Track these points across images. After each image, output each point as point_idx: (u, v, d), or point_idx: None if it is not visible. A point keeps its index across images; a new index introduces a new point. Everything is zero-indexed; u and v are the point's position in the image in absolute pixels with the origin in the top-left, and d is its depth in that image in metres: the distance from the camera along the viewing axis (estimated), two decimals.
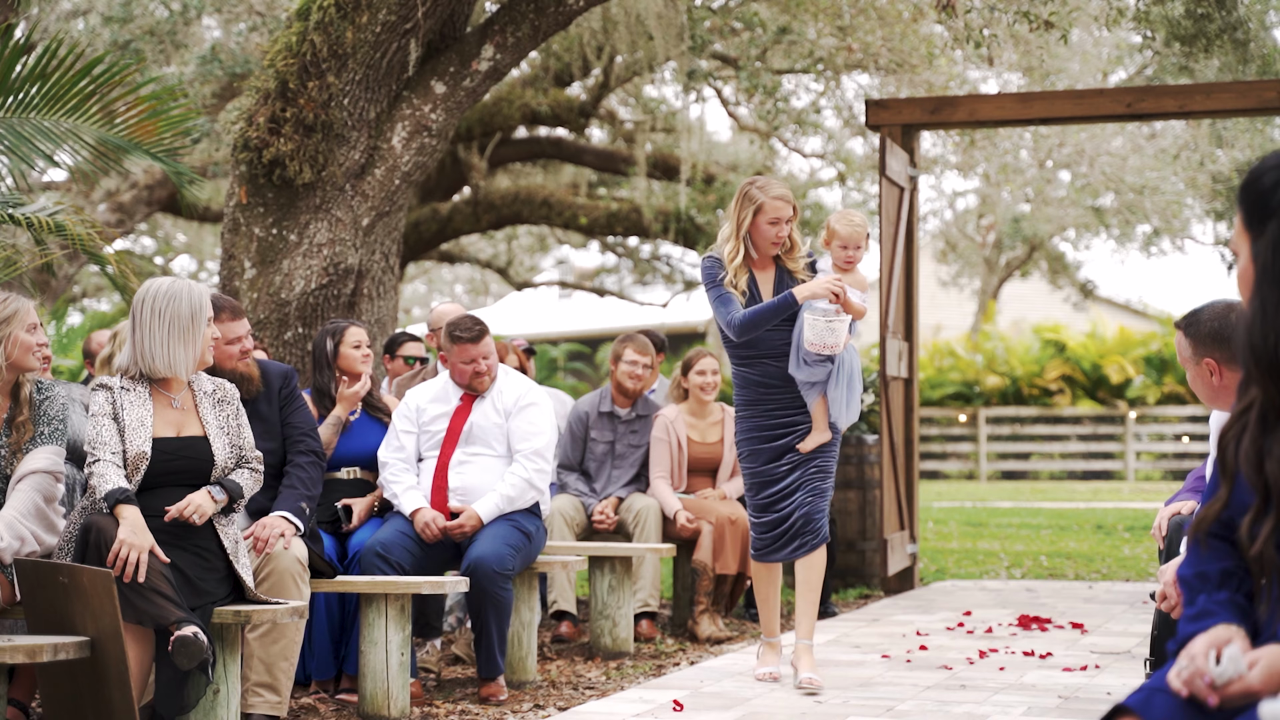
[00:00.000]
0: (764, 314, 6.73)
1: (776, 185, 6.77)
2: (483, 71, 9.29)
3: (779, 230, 6.76)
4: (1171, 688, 2.84)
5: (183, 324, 5.55)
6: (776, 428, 6.91)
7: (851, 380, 6.88)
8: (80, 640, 4.90)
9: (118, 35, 15.89)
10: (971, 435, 27.31)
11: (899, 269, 10.73)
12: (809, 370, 6.78)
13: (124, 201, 20.10)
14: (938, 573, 12.00)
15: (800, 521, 6.89)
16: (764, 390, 6.90)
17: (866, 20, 13.54)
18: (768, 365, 6.88)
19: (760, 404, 6.93)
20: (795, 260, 6.90)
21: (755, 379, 6.91)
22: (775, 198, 6.73)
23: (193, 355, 5.59)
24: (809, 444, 6.86)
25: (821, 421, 6.88)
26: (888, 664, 7.50)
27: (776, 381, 6.87)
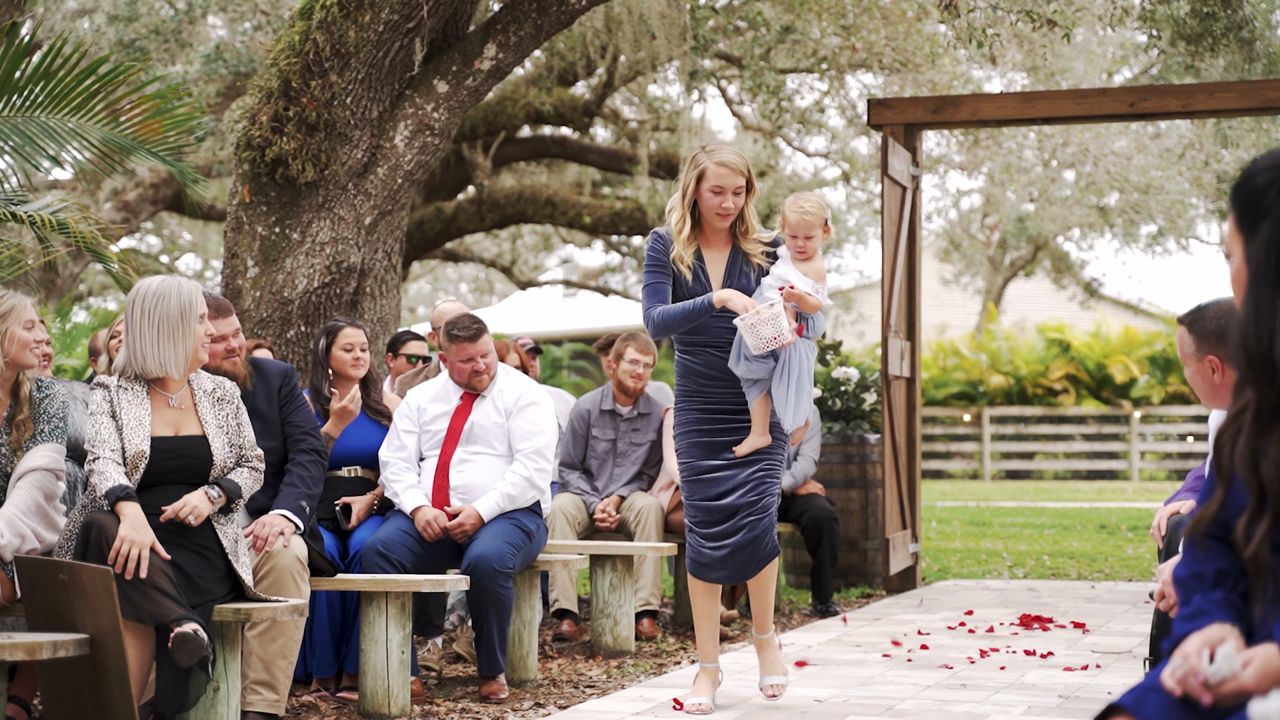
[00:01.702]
0: (678, 317, 6.13)
1: (727, 150, 6.12)
2: (485, 70, 9.30)
3: (723, 201, 6.09)
4: (1165, 686, 2.85)
5: (172, 323, 5.54)
6: (716, 424, 6.28)
7: (799, 378, 6.21)
8: (80, 638, 4.91)
9: (123, 34, 15.91)
10: (975, 435, 27.31)
11: (901, 268, 10.73)
12: (749, 366, 6.14)
13: (129, 200, 20.13)
14: (940, 572, 12.01)
15: (749, 546, 6.25)
16: (705, 382, 6.27)
17: (870, 19, 13.56)
18: (711, 355, 6.25)
19: (700, 396, 6.29)
20: (750, 243, 6.25)
21: (697, 368, 6.28)
22: (719, 163, 6.06)
23: (183, 354, 5.57)
24: (745, 447, 6.22)
25: (761, 423, 6.24)
26: (888, 663, 7.51)
27: (719, 374, 6.23)
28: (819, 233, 6.25)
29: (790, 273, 6.17)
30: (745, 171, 6.11)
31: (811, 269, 6.25)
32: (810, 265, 6.27)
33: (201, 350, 5.63)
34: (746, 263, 6.25)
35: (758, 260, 6.24)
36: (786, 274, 6.16)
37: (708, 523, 6.27)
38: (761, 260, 6.25)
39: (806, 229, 6.24)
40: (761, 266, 6.25)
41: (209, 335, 6.31)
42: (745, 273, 6.24)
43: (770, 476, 6.28)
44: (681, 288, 6.20)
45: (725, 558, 6.25)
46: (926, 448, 27.14)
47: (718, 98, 18.73)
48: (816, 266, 6.27)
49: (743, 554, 6.24)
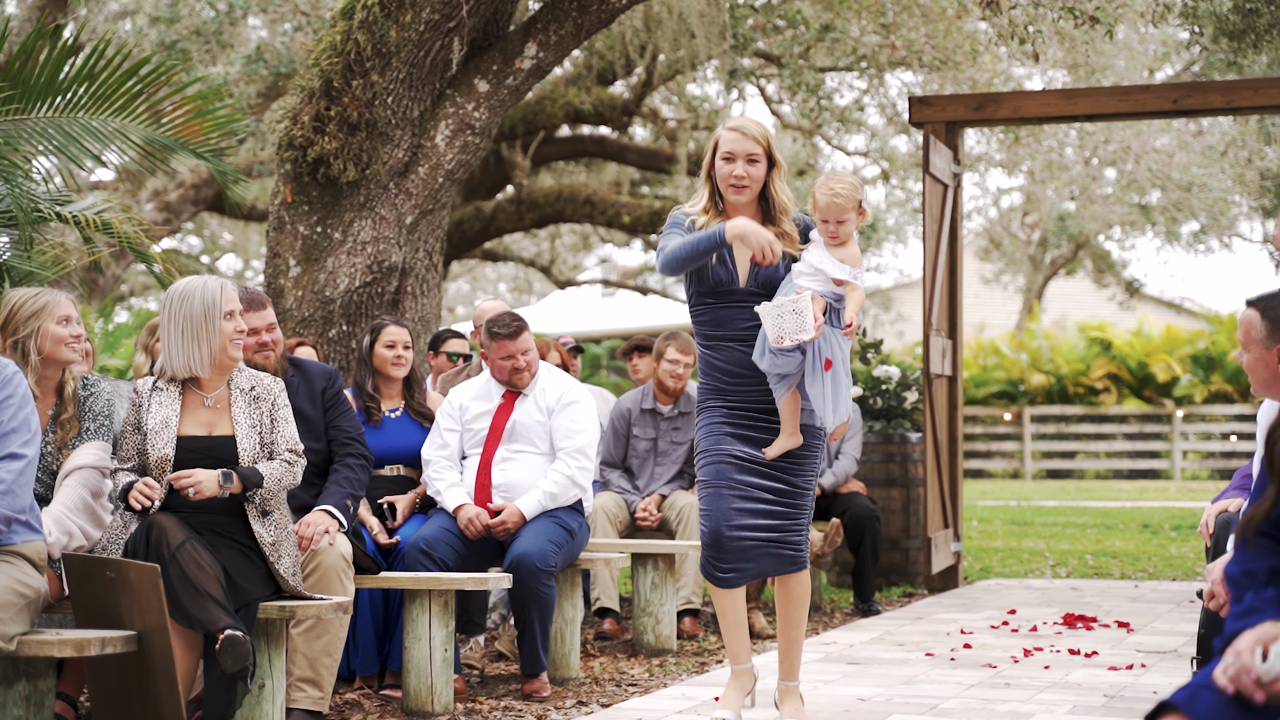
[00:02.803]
0: (686, 250, 5.63)
1: (744, 119, 5.71)
2: (525, 70, 9.31)
3: (733, 169, 5.62)
4: (1217, 684, 2.83)
5: (195, 322, 5.54)
6: (743, 425, 5.79)
7: (836, 371, 5.68)
8: (127, 634, 4.93)
9: (164, 35, 16.01)
10: (1016, 434, 27.19)
11: (942, 266, 10.69)
12: (774, 360, 5.62)
13: (170, 201, 20.24)
14: (982, 571, 11.96)
15: (774, 537, 5.75)
16: (730, 380, 5.79)
17: (910, 17, 13.51)
18: (735, 350, 5.76)
19: (726, 395, 5.81)
20: (787, 221, 5.77)
21: (721, 365, 5.81)
22: (731, 127, 5.67)
23: (206, 353, 5.55)
24: (775, 449, 5.72)
25: (791, 422, 5.72)
26: (931, 662, 7.48)
27: (745, 370, 5.74)
28: (853, 215, 5.71)
29: (824, 260, 5.71)
30: (761, 140, 5.63)
31: (847, 254, 5.76)
32: (845, 251, 5.77)
33: (231, 347, 5.58)
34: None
35: (786, 247, 5.73)
36: (820, 261, 5.70)
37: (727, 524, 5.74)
38: (792, 249, 5.76)
39: (838, 212, 5.70)
40: (792, 254, 5.77)
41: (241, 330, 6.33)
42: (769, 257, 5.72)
43: (802, 485, 5.78)
44: (706, 274, 5.75)
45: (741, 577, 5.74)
46: (967, 447, 27.04)
47: (757, 96, 18.71)
48: (851, 252, 5.78)
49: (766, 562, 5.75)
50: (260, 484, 5.53)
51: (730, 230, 5.49)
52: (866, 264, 27.59)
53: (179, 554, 5.13)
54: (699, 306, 5.82)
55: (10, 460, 4.85)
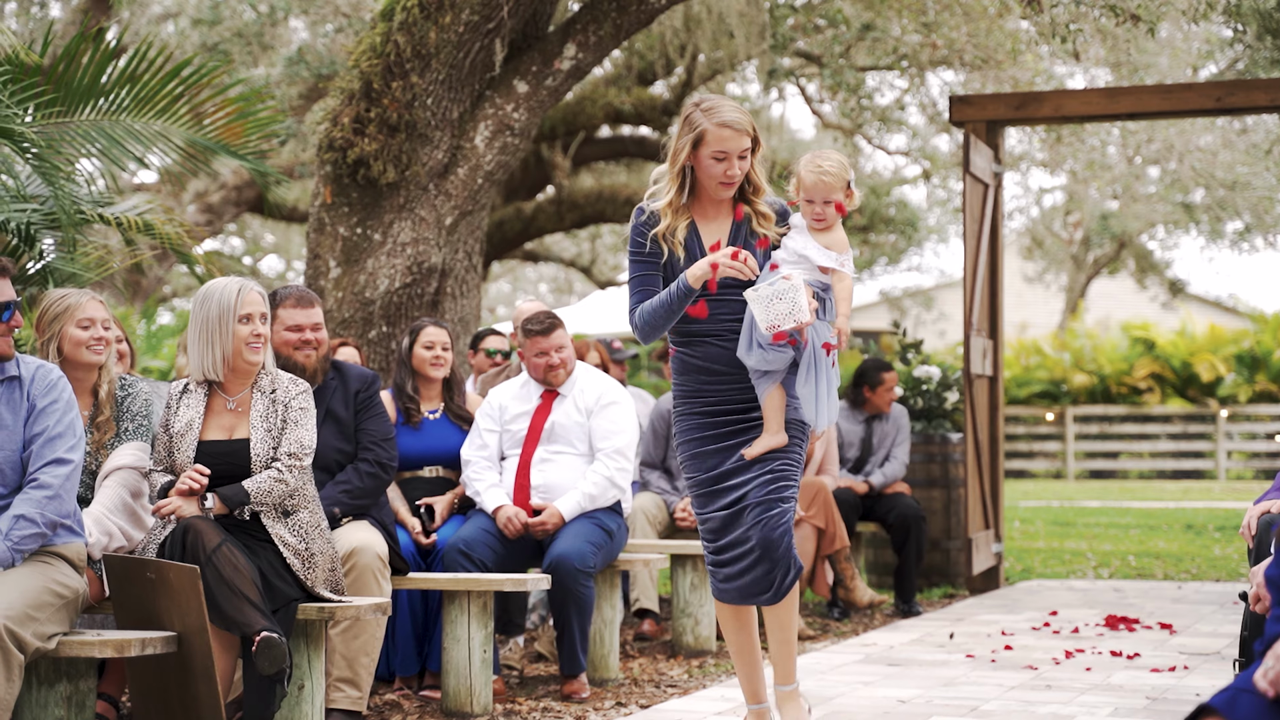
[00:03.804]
0: (658, 312, 5.27)
1: (728, 108, 5.23)
2: (565, 70, 9.32)
3: (727, 168, 5.22)
4: (1258, 688, 2.80)
5: (210, 326, 5.55)
6: (723, 426, 5.40)
7: (827, 370, 5.31)
8: (167, 635, 4.96)
9: (206, 37, 16.09)
10: (1059, 434, 27.06)
11: (983, 266, 10.65)
12: (763, 355, 5.22)
13: (213, 203, 20.36)
14: (1024, 572, 11.90)
15: (764, 552, 5.30)
16: (707, 379, 5.38)
17: (951, 16, 13.45)
18: (712, 346, 5.35)
19: (702, 396, 5.39)
20: (761, 201, 5.37)
21: (696, 363, 5.38)
22: (721, 124, 5.19)
23: (219, 355, 5.55)
24: (756, 448, 5.32)
25: (775, 420, 5.33)
26: (972, 664, 7.45)
27: (723, 368, 5.34)
28: (840, 196, 5.32)
29: (808, 245, 5.31)
30: (750, 131, 5.23)
31: (832, 240, 5.35)
32: (830, 236, 5.35)
33: (247, 351, 5.54)
34: (752, 234, 5.36)
35: (762, 228, 5.35)
36: (803, 247, 5.31)
37: (718, 532, 5.41)
38: (765, 226, 5.36)
39: (825, 192, 5.30)
40: (770, 239, 5.37)
41: (282, 323, 6.36)
42: (751, 245, 5.35)
43: (785, 478, 5.36)
44: (674, 268, 5.31)
45: (740, 571, 5.37)
46: (1009, 447, 26.91)
47: (797, 96, 18.68)
48: (838, 237, 5.36)
49: (760, 566, 5.32)
50: (246, 500, 5.45)
51: (695, 277, 5.16)
52: (908, 263, 27.59)
53: (215, 556, 5.15)
54: None
55: (57, 465, 4.89)
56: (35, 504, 4.80)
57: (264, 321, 5.61)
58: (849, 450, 9.86)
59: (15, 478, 4.92)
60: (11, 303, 4.94)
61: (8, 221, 7.68)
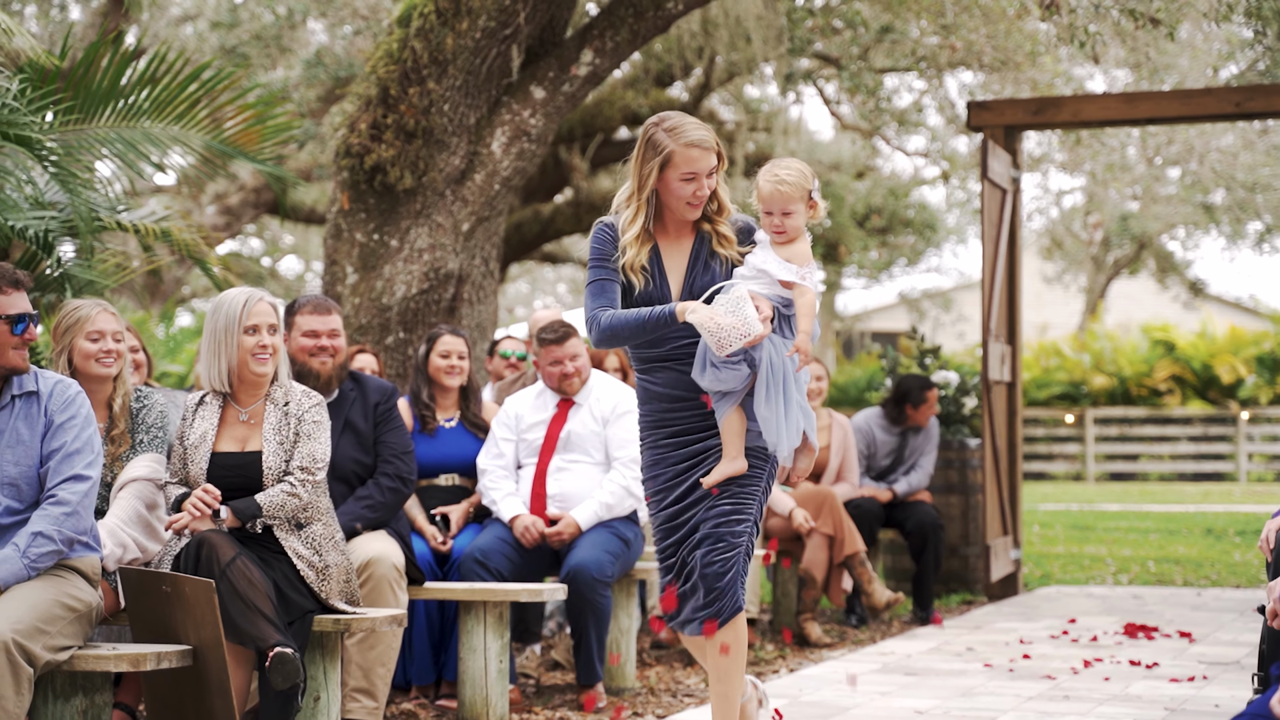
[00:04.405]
0: (631, 326, 4.95)
1: (691, 126, 4.96)
2: (582, 76, 9.30)
3: (697, 189, 4.98)
4: (1275, 714, 2.78)
5: (217, 336, 5.56)
6: (686, 458, 5.10)
7: (786, 388, 4.94)
8: (183, 649, 4.96)
9: (225, 40, 16.13)
10: (1079, 436, 26.98)
11: (1001, 272, 10.61)
12: (716, 374, 4.91)
13: (231, 205, 20.40)
14: (1043, 578, 11.86)
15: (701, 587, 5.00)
16: (670, 405, 5.09)
17: (970, 18, 13.41)
18: (673, 372, 5.06)
19: (666, 425, 5.11)
20: (724, 225, 5.10)
21: (658, 390, 5.11)
22: (689, 144, 4.93)
23: (226, 366, 5.55)
24: (715, 477, 5.00)
25: (734, 445, 5.00)
26: (990, 673, 7.42)
27: (686, 393, 5.05)
28: (801, 208, 5.02)
29: (769, 260, 5.01)
30: (716, 147, 5.00)
31: (794, 252, 5.04)
32: (792, 249, 5.04)
33: (253, 361, 5.53)
34: (713, 256, 5.09)
35: (723, 249, 5.08)
36: (763, 262, 5.01)
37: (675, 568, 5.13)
38: (726, 247, 5.09)
39: (783, 202, 5.00)
40: (731, 260, 5.10)
41: (299, 329, 6.37)
42: (711, 268, 5.09)
43: (741, 511, 5.02)
44: (635, 294, 5.07)
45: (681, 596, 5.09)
46: (1029, 449, 26.84)
47: (816, 97, 18.63)
48: (800, 250, 5.05)
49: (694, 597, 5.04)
50: (257, 514, 5.44)
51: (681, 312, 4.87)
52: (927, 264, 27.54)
53: (230, 570, 5.14)
54: None
55: (75, 482, 4.89)
56: (53, 521, 4.80)
57: (272, 333, 5.58)
58: (881, 459, 9.83)
59: (32, 493, 4.92)
60: (26, 316, 4.94)
61: (26, 229, 7.69)
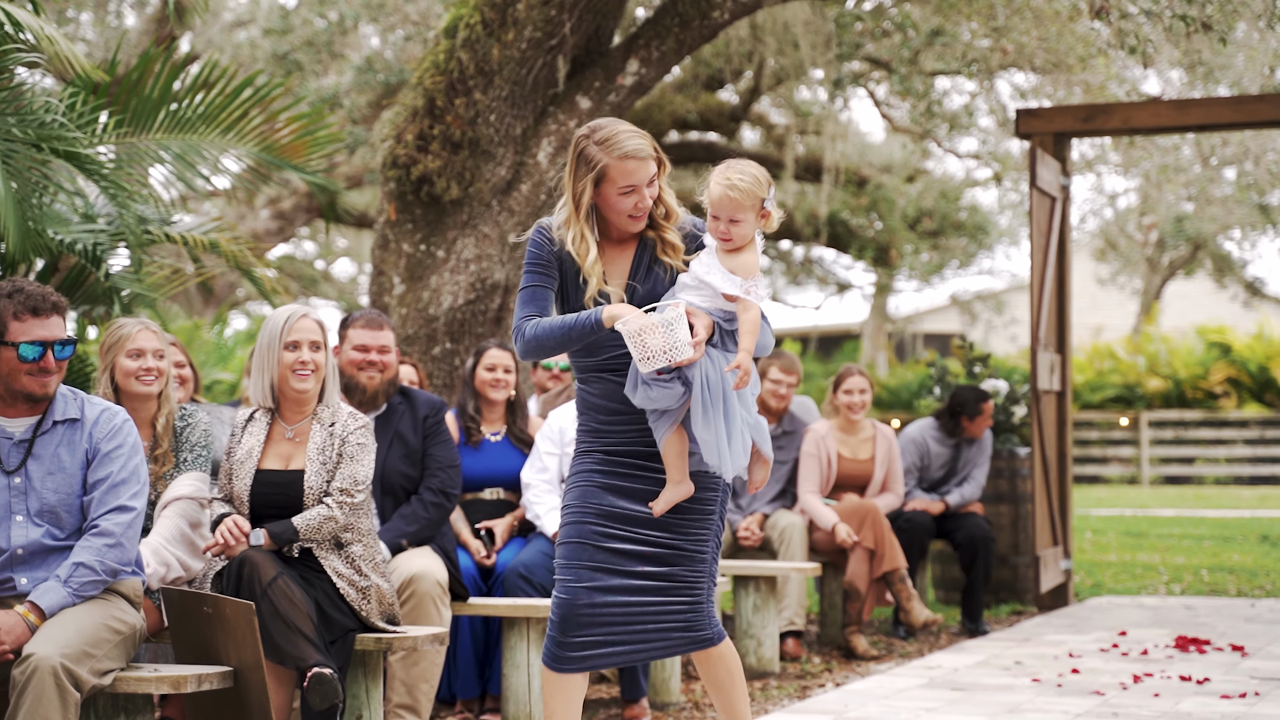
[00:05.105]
0: (555, 335, 4.65)
1: (626, 135, 4.63)
2: (628, 86, 9.30)
3: (638, 201, 4.65)
4: None
5: (262, 352, 5.64)
6: (623, 476, 4.75)
7: (728, 406, 4.59)
8: (223, 670, 4.97)
9: (277, 47, 16.21)
10: (1133, 439, 26.75)
11: (1050, 280, 10.52)
12: (647, 392, 4.58)
13: (284, 209, 20.52)
14: (1094, 587, 11.76)
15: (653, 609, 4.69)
16: (606, 418, 4.76)
17: (1021, 20, 13.31)
18: (610, 382, 4.74)
19: (602, 437, 4.77)
20: (671, 232, 4.74)
21: (595, 401, 4.79)
22: (624, 156, 4.60)
23: (268, 382, 5.62)
24: (661, 503, 4.66)
25: (677, 468, 4.67)
26: (1038, 688, 7.35)
27: (623, 406, 4.71)
28: (751, 216, 4.66)
29: (711, 269, 4.65)
30: (654, 154, 4.66)
31: (739, 263, 4.65)
32: (738, 259, 4.66)
33: (293, 378, 5.57)
34: (656, 262, 4.75)
35: (668, 256, 4.73)
36: (706, 272, 4.65)
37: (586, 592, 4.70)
38: (677, 262, 4.74)
39: (731, 209, 4.63)
40: (673, 267, 4.75)
41: (350, 342, 6.40)
42: (655, 274, 4.76)
43: (692, 547, 4.71)
44: (573, 298, 4.76)
45: (619, 652, 4.70)
46: (1082, 452, 26.64)
47: (866, 99, 18.55)
48: (746, 260, 4.66)
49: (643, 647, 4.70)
50: (294, 538, 5.46)
51: (608, 318, 4.56)
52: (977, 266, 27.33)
53: (270, 590, 5.16)
54: None
55: (119, 513, 4.88)
56: (95, 552, 4.81)
57: (314, 349, 5.61)
58: (934, 470, 9.76)
59: (72, 521, 4.92)
60: (62, 341, 4.93)
61: (75, 242, 7.75)
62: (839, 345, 33.45)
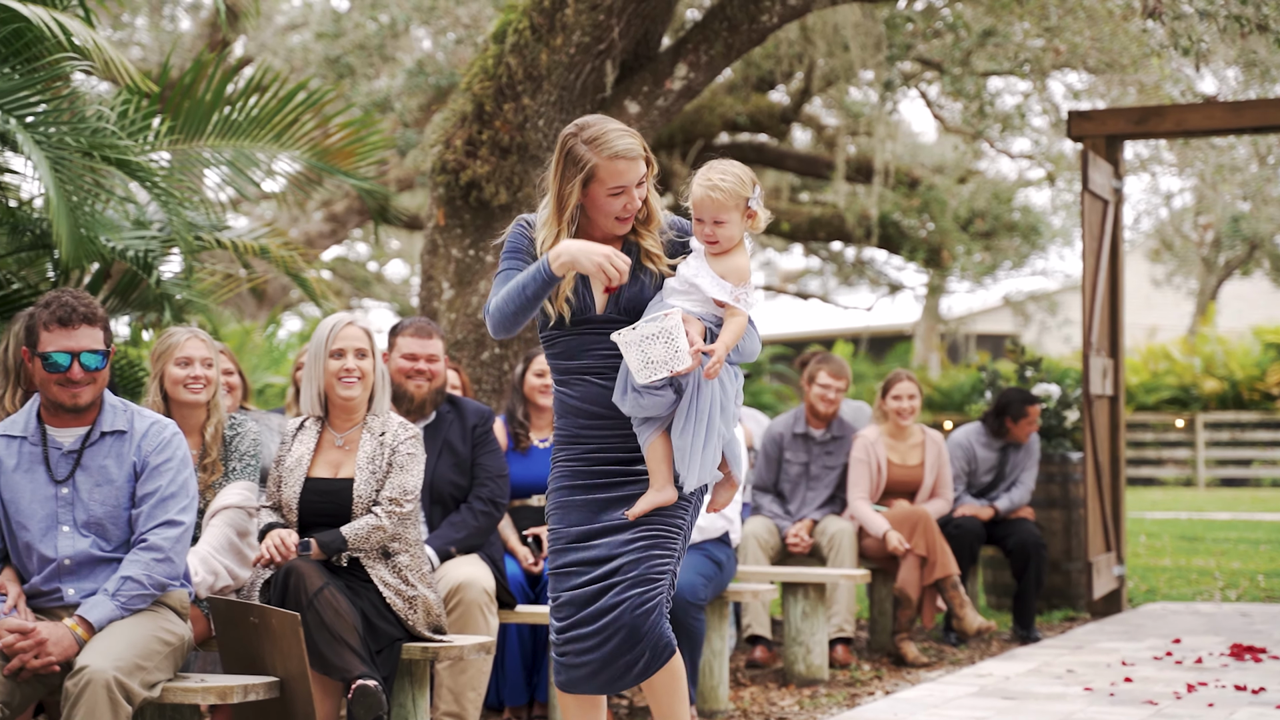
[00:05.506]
0: (512, 299, 4.49)
1: (616, 135, 4.51)
2: (676, 90, 9.27)
3: (627, 202, 4.52)
4: None
5: (311, 360, 5.69)
6: (599, 478, 4.62)
7: (710, 418, 4.50)
8: (270, 681, 4.98)
9: (329, 50, 16.29)
10: (1189, 441, 26.52)
11: (1103, 284, 10.42)
12: (638, 400, 4.48)
13: (337, 212, 20.62)
14: (1148, 593, 11.65)
15: (622, 635, 4.49)
16: (586, 422, 4.62)
17: (1074, 20, 13.21)
18: (591, 384, 4.60)
19: (580, 443, 4.64)
20: (653, 234, 4.63)
21: (574, 404, 4.63)
22: (614, 156, 4.48)
23: (316, 390, 5.66)
24: (640, 507, 4.53)
25: (661, 475, 4.54)
26: (1090, 697, 7.29)
27: (603, 410, 4.60)
28: (736, 217, 4.54)
29: (700, 273, 4.55)
30: (645, 154, 4.53)
31: (729, 267, 4.56)
32: (727, 262, 4.56)
33: (339, 385, 5.60)
34: (640, 265, 4.62)
35: (653, 262, 4.61)
36: (695, 275, 4.55)
37: (575, 605, 4.58)
38: (662, 267, 4.62)
39: (714, 210, 4.53)
40: (659, 272, 4.63)
41: (399, 350, 6.42)
42: (640, 279, 4.60)
43: (663, 548, 4.55)
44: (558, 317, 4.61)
45: (590, 649, 4.54)
46: (1137, 454, 26.42)
47: (918, 99, 18.47)
48: (736, 264, 4.57)
49: (621, 649, 4.51)
50: (343, 548, 5.46)
51: (557, 262, 4.39)
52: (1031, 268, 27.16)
53: (316, 600, 5.17)
54: (549, 335, 4.67)
55: (168, 527, 4.90)
56: (144, 566, 4.83)
57: (360, 358, 5.63)
58: (982, 475, 9.70)
59: (119, 533, 4.93)
60: (92, 351, 4.91)
61: (126, 249, 7.80)
62: (891, 346, 33.32)
